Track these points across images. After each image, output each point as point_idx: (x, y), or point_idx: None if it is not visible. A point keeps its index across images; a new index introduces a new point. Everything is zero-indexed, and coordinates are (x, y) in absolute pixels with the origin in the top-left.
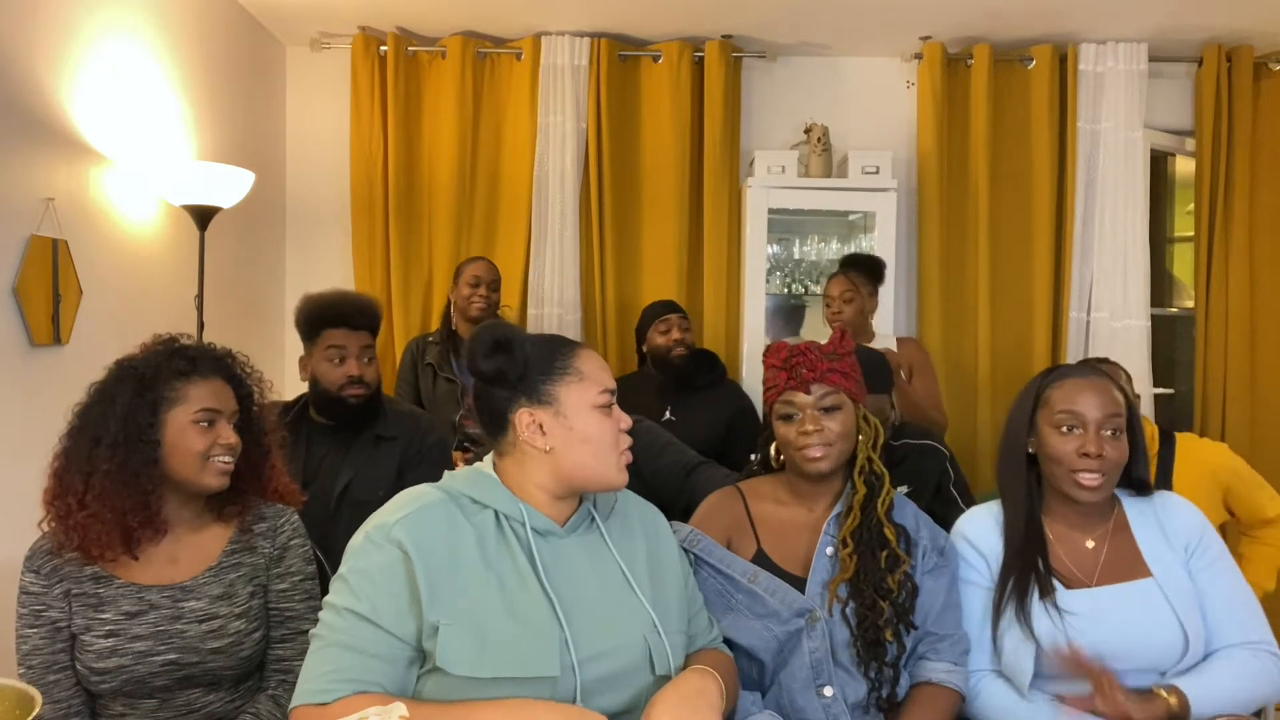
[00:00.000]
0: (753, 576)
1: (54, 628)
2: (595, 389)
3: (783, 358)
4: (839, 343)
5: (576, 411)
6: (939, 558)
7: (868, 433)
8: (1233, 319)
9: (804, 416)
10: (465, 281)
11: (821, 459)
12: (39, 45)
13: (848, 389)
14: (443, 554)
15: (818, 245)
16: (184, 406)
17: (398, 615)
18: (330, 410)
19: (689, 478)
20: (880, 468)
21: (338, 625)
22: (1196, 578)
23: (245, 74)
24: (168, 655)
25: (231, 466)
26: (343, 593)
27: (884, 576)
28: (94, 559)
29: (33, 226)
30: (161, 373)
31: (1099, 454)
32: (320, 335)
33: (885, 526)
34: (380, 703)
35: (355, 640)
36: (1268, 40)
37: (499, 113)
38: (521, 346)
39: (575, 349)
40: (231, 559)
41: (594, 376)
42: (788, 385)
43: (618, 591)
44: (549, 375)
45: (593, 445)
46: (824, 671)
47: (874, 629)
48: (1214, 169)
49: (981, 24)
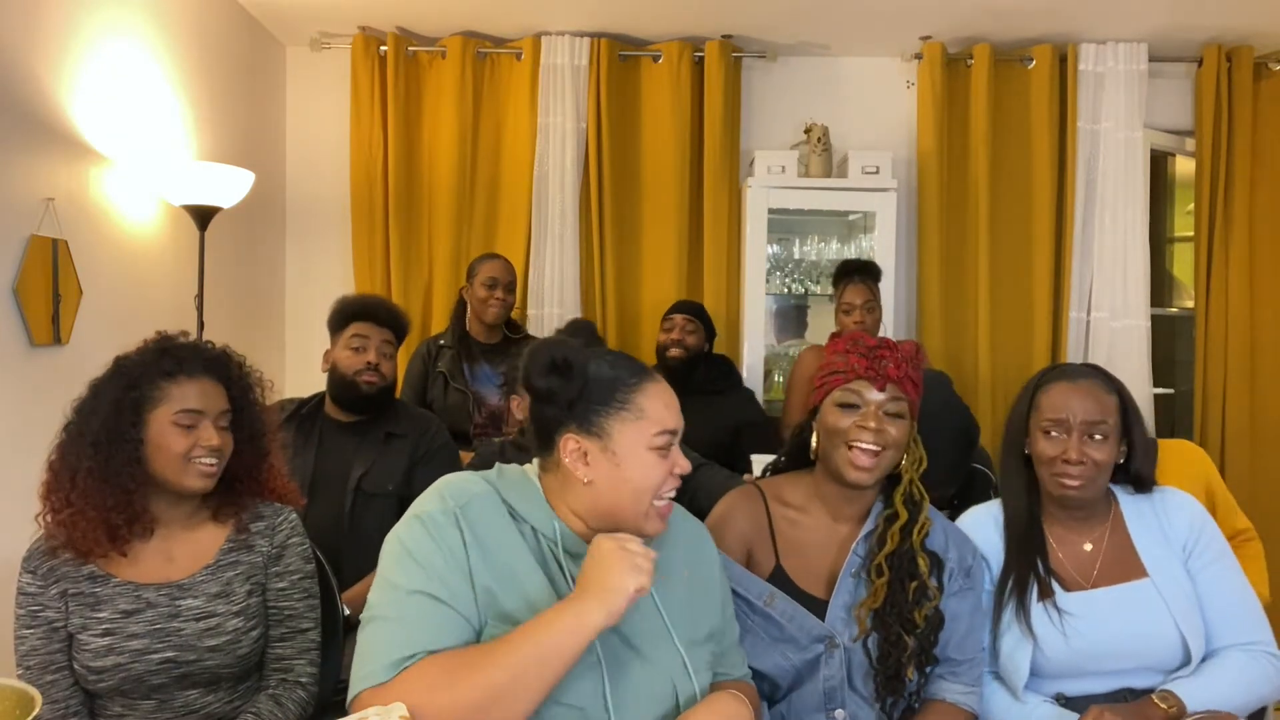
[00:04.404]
0: (769, 599)
1: (50, 628)
2: (653, 429)
3: (869, 346)
4: (917, 354)
5: (628, 450)
6: (965, 579)
7: (914, 454)
8: (1233, 319)
9: (868, 412)
10: (481, 282)
11: (870, 467)
12: (39, 45)
13: (913, 402)
14: (495, 551)
15: (818, 245)
16: (166, 406)
17: (465, 599)
18: (343, 395)
19: (690, 479)
20: (921, 491)
21: (409, 604)
22: (1195, 578)
23: (245, 74)
24: (165, 653)
25: (214, 468)
26: (409, 573)
27: (911, 609)
28: (85, 556)
29: (33, 226)
30: (149, 371)
31: (1079, 460)
32: (347, 327)
33: (919, 556)
34: (450, 661)
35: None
36: (1268, 40)
37: (499, 113)
38: (583, 371)
39: (642, 383)
40: (229, 557)
41: (654, 415)
42: (865, 374)
43: (651, 628)
44: (606, 406)
45: (633, 488)
46: (837, 697)
47: (896, 664)
48: (1214, 169)
49: (981, 24)
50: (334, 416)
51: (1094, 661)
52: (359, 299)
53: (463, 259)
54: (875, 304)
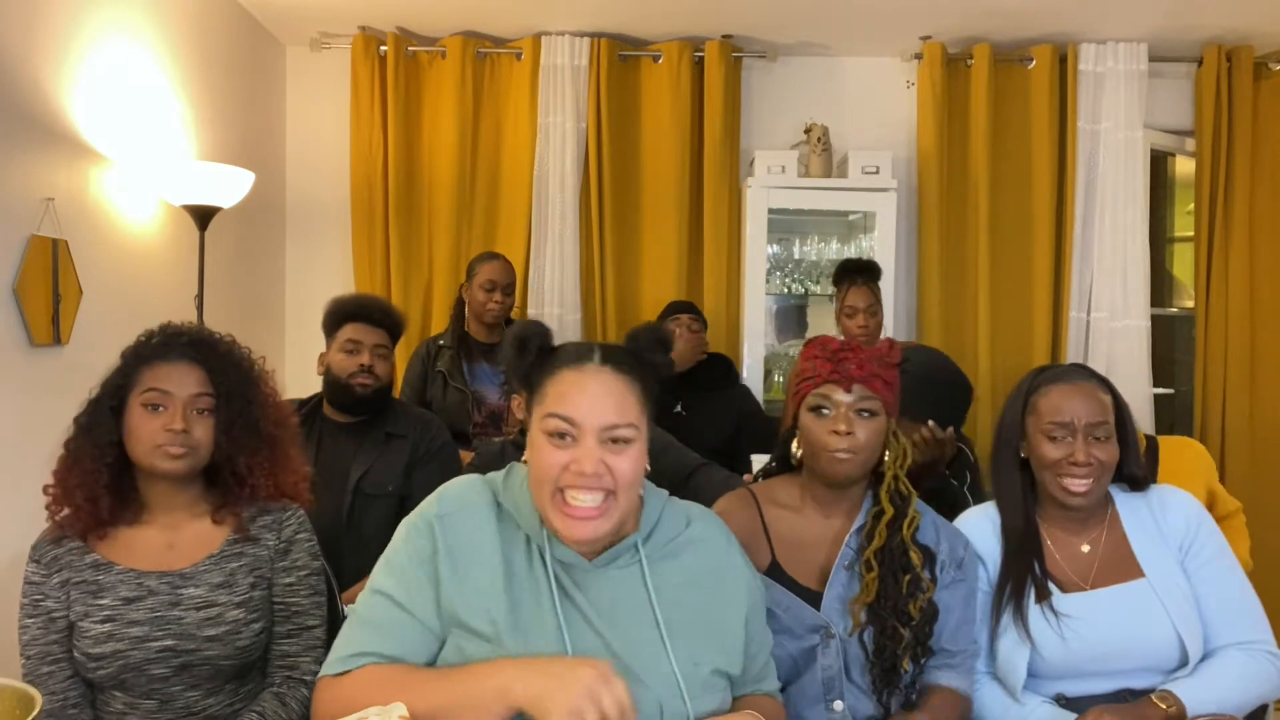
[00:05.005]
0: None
1: (49, 618)
2: (544, 411)
3: (832, 349)
4: (888, 351)
5: (533, 432)
6: (957, 570)
7: (896, 450)
8: (1233, 319)
9: (838, 415)
10: (480, 285)
11: (848, 459)
12: (39, 45)
13: (886, 400)
14: (467, 563)
15: (818, 245)
16: (139, 388)
17: (424, 605)
18: (339, 398)
19: (689, 480)
20: (907, 487)
21: (374, 605)
22: (1192, 577)
23: (245, 74)
24: (164, 641)
25: (182, 453)
26: (381, 575)
27: (906, 602)
28: (81, 537)
29: (33, 226)
30: (138, 353)
31: (1087, 461)
32: (341, 329)
33: (910, 550)
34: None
35: (384, 620)
36: (1268, 40)
37: (499, 113)
38: (535, 348)
39: (561, 369)
40: (233, 548)
41: (551, 398)
42: (830, 378)
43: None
44: (538, 390)
45: (535, 475)
46: (836, 687)
47: (891, 656)
48: (1214, 169)
49: (981, 24)
50: (333, 417)
51: (1092, 662)
52: (352, 300)
53: (463, 259)
54: (878, 307)
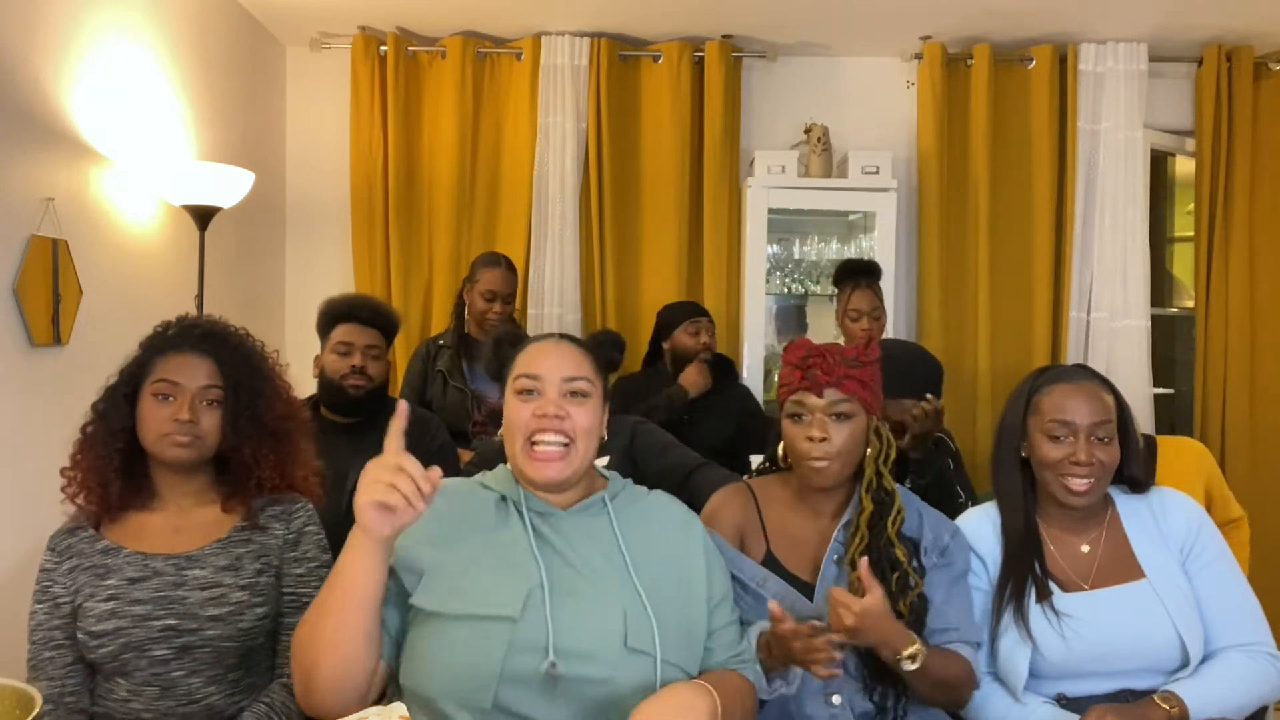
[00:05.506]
0: (761, 581)
1: (54, 603)
2: (515, 374)
3: (800, 356)
4: (863, 350)
5: (508, 399)
6: (940, 557)
7: (877, 447)
8: (1233, 319)
9: (812, 420)
10: (479, 294)
11: (825, 468)
12: (39, 45)
13: (863, 399)
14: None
15: (818, 245)
16: (150, 378)
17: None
18: (332, 400)
19: (689, 479)
20: (890, 484)
21: None
22: (1194, 579)
23: (245, 74)
24: (166, 620)
25: (188, 442)
26: None
27: (895, 600)
28: (94, 522)
29: (33, 226)
30: (153, 343)
31: (1089, 461)
32: (333, 330)
33: (896, 547)
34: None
35: None
36: (1268, 40)
37: (499, 113)
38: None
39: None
40: (241, 534)
41: (520, 365)
42: (800, 385)
43: (610, 563)
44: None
45: (508, 429)
46: (834, 681)
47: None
48: (1214, 169)
49: (981, 24)
50: (330, 418)
51: (1093, 663)
52: (343, 301)
53: (463, 259)
54: (882, 310)
